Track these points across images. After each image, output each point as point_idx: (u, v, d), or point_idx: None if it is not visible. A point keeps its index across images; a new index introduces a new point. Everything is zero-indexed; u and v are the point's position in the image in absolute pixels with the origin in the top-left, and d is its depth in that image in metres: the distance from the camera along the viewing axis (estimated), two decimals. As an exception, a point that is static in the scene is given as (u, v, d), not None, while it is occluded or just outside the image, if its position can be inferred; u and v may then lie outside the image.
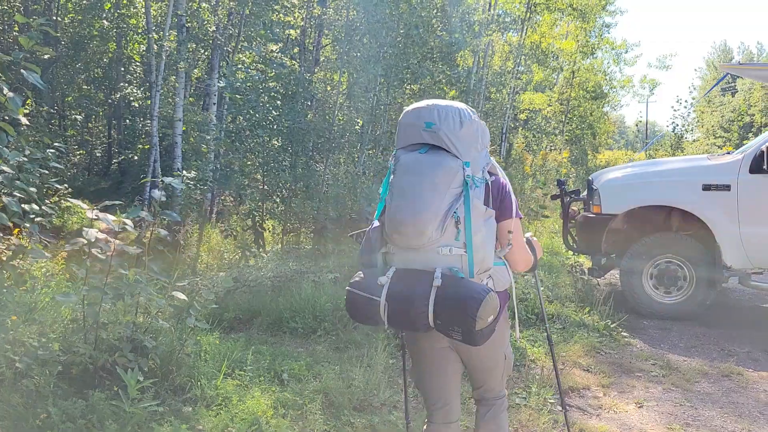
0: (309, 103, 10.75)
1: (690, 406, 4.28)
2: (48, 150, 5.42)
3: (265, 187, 9.02)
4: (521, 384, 4.47)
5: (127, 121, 17.42)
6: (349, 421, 3.77)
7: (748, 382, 4.74)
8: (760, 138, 6.55)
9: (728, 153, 7.06)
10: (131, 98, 16.03)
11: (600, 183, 6.68)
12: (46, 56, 12.13)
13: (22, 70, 3.66)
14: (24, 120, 4.16)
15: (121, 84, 16.35)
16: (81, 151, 17.93)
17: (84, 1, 15.55)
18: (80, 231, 3.63)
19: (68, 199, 4.12)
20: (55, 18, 15.60)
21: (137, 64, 16.89)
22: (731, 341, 5.69)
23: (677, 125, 19.90)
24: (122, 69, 16.92)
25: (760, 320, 6.43)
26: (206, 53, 12.99)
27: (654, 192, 6.40)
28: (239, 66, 11.86)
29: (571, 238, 7.11)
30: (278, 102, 8.91)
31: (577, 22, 23.40)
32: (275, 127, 8.84)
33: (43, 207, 4.13)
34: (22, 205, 3.82)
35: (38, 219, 4.10)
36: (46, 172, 5.57)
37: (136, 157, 15.25)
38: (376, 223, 2.44)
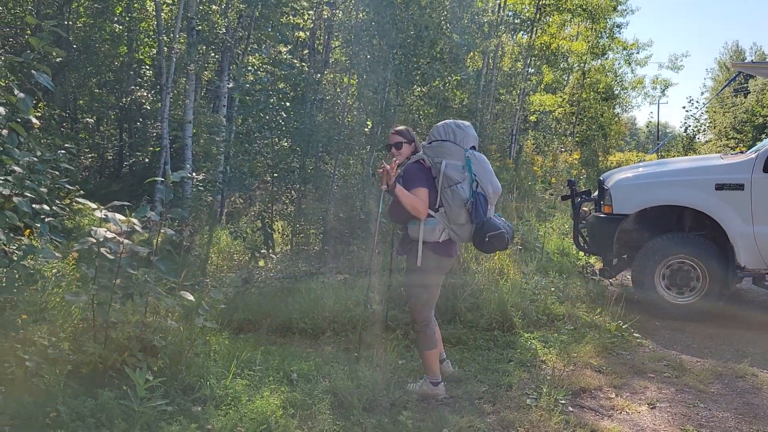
0: (319, 105, 10.75)
1: (703, 407, 4.23)
2: (59, 151, 5.45)
3: (275, 188, 9.03)
4: (532, 385, 4.44)
5: (138, 123, 17.49)
6: (359, 421, 3.75)
7: (763, 383, 4.68)
8: (773, 137, 6.48)
9: (741, 152, 6.98)
10: (142, 101, 16.09)
11: (611, 183, 6.62)
12: (58, 59, 12.21)
13: (32, 71, 3.68)
14: (35, 121, 4.18)
15: (132, 87, 16.42)
16: (92, 154, 17.97)
17: (96, 5, 15.64)
18: (90, 231, 3.64)
19: (77, 199, 4.13)
20: (66, 22, 15.69)
21: (147, 67, 16.96)
22: (745, 342, 5.63)
23: (689, 126, 19.70)
24: (132, 72, 16.98)
25: (775, 321, 6.35)
26: (216, 55, 13.03)
27: (666, 192, 6.34)
28: (249, 68, 11.87)
29: (582, 238, 7.06)
30: (287, 103, 8.91)
31: (587, 23, 23.32)
32: (284, 128, 8.85)
33: (53, 207, 4.14)
34: (33, 206, 3.83)
35: (49, 219, 4.12)
36: (57, 173, 5.60)
37: (147, 160, 15.30)
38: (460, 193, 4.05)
